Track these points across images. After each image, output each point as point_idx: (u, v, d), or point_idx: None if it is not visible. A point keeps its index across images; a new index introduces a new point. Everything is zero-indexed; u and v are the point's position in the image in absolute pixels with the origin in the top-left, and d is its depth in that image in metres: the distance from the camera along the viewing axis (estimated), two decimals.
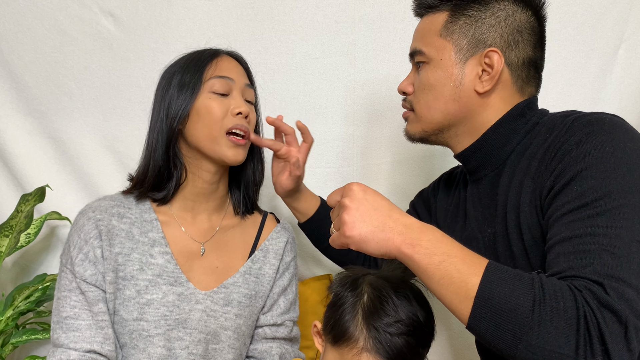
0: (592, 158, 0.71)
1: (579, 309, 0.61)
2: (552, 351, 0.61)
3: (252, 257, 1.05)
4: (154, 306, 0.93)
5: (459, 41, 0.86)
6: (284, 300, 1.07)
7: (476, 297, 0.65)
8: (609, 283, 0.62)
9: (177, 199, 1.02)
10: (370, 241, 0.71)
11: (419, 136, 0.94)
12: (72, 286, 0.92)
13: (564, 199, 0.72)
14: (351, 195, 0.73)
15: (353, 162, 1.41)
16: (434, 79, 0.88)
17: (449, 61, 0.86)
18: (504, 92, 0.87)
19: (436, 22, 0.89)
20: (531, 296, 0.63)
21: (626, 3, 1.33)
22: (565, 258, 0.68)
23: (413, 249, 0.69)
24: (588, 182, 0.70)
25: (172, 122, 0.97)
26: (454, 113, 0.88)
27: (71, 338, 0.90)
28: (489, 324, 0.64)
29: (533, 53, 0.87)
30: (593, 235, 0.66)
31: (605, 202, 0.68)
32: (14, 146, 1.39)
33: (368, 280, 0.80)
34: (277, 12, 1.37)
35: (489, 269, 0.66)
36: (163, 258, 0.96)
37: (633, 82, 1.35)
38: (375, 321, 0.75)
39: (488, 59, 0.84)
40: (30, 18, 1.36)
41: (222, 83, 0.98)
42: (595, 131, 0.74)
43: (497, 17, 0.85)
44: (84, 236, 0.94)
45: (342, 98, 1.39)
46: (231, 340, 0.99)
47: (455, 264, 0.67)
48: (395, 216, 0.72)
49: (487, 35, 0.85)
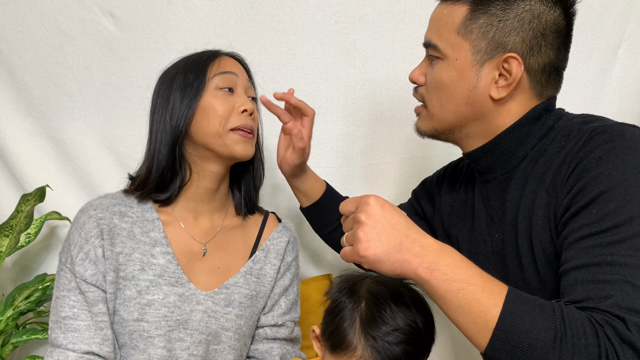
0: (614, 180, 0.68)
1: (601, 346, 0.60)
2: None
3: (253, 257, 1.05)
4: (154, 307, 0.93)
5: (477, 42, 0.80)
6: (285, 300, 1.07)
7: (495, 328, 0.63)
8: (630, 318, 0.60)
9: (180, 199, 1.02)
10: (385, 262, 0.68)
11: (430, 133, 0.91)
12: (72, 286, 0.92)
13: (582, 221, 0.69)
14: (368, 211, 0.69)
15: (353, 162, 1.41)
16: (447, 78, 0.83)
17: (464, 62, 0.81)
18: (521, 97, 0.82)
19: (455, 15, 0.82)
20: (552, 330, 0.61)
21: (626, 3, 1.33)
22: (584, 287, 0.65)
23: (431, 273, 0.66)
24: (609, 206, 0.67)
25: (178, 123, 0.96)
26: (466, 115, 0.84)
27: (70, 339, 0.90)
28: (506, 356, 0.63)
29: (555, 56, 0.82)
30: (613, 265, 0.64)
31: (626, 229, 0.65)
32: (14, 146, 1.39)
33: (366, 286, 0.80)
34: (277, 12, 1.37)
35: (509, 300, 0.64)
36: (164, 258, 0.96)
37: (633, 82, 1.35)
38: (373, 330, 0.75)
39: (507, 64, 0.79)
40: (30, 18, 1.36)
41: (226, 78, 0.98)
42: (617, 148, 0.70)
43: (522, 19, 0.78)
44: (85, 235, 0.93)
45: (342, 98, 1.39)
46: (232, 340, 0.99)
47: (475, 293, 0.64)
48: (412, 236, 0.69)
49: (508, 39, 0.79)
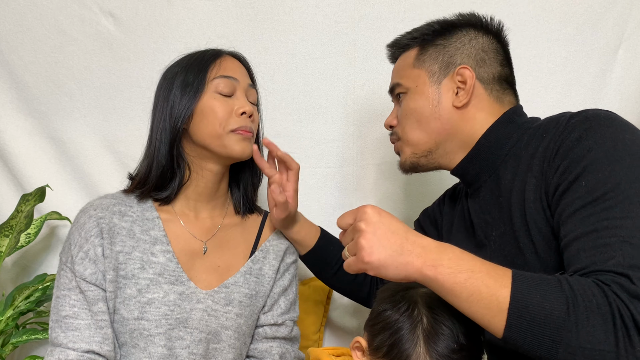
0: (595, 153, 0.72)
1: (612, 304, 0.62)
2: (593, 349, 0.61)
3: (252, 257, 1.05)
4: (155, 305, 0.93)
5: (431, 67, 0.92)
6: (284, 300, 1.07)
7: (509, 308, 0.65)
8: (634, 274, 0.63)
9: (180, 198, 1.02)
10: (389, 266, 0.70)
11: (410, 162, 0.96)
12: (72, 285, 0.92)
13: (573, 195, 0.72)
14: (366, 219, 0.72)
15: (353, 162, 1.41)
16: (413, 104, 0.93)
17: (424, 86, 0.92)
18: (482, 104, 0.91)
19: (408, 57, 0.96)
20: (563, 299, 0.63)
21: (626, 3, 1.33)
22: (587, 254, 0.68)
23: (435, 270, 0.68)
24: (595, 176, 0.71)
25: (176, 122, 0.97)
26: (437, 131, 0.91)
27: (70, 338, 0.90)
28: (526, 334, 0.64)
29: (502, 69, 0.93)
30: (610, 228, 0.67)
31: (615, 194, 0.69)
32: (14, 146, 1.39)
33: (422, 300, 0.79)
34: (277, 12, 1.37)
35: (515, 279, 0.66)
36: (164, 256, 0.96)
37: (633, 82, 1.35)
38: (438, 347, 0.75)
39: (460, 76, 0.90)
40: (30, 18, 1.36)
41: (227, 83, 0.98)
42: (594, 127, 0.75)
43: (462, 41, 0.92)
44: (85, 234, 0.94)
45: (342, 98, 1.39)
46: (232, 339, 0.99)
47: (482, 279, 0.67)
48: (412, 238, 0.71)
49: (455, 57, 0.91)
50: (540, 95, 1.37)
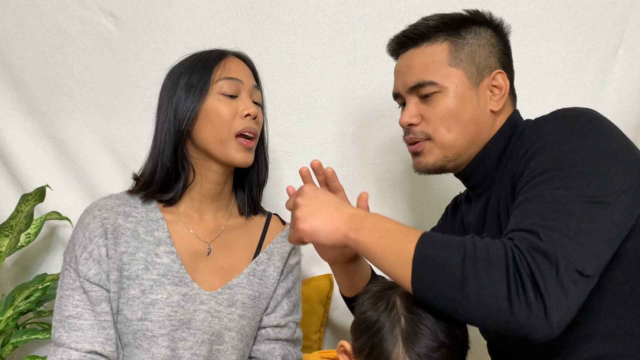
0: (548, 137, 0.76)
1: (507, 254, 0.66)
2: (487, 295, 0.65)
3: (256, 258, 1.05)
4: (158, 306, 0.93)
5: (468, 68, 0.91)
6: (287, 302, 1.07)
7: (413, 260, 0.70)
8: (544, 231, 0.66)
9: (184, 199, 1.02)
10: (320, 231, 0.79)
11: (439, 164, 0.93)
12: (75, 285, 0.92)
13: (524, 176, 0.76)
14: (302, 195, 0.83)
15: (353, 162, 1.41)
16: (453, 104, 0.90)
17: (464, 86, 0.90)
18: (505, 108, 0.93)
19: (439, 52, 0.91)
20: (462, 250, 0.68)
21: (626, 3, 1.33)
22: (514, 218, 0.72)
23: (357, 232, 0.76)
24: (543, 156, 0.75)
25: (180, 124, 0.96)
26: (472, 134, 0.91)
27: (73, 338, 0.90)
28: (428, 283, 0.69)
29: (514, 72, 0.96)
30: (541, 196, 0.71)
31: (556, 169, 0.72)
32: (14, 146, 1.39)
33: (401, 299, 0.78)
34: (277, 12, 1.37)
35: (424, 235, 0.72)
36: (168, 258, 0.96)
37: (633, 82, 1.35)
38: (417, 346, 0.75)
39: (495, 81, 0.91)
40: (30, 18, 1.36)
41: (231, 85, 0.98)
42: (557, 118, 0.79)
43: (491, 44, 0.93)
44: (89, 234, 0.94)
45: (342, 98, 1.39)
46: (235, 341, 0.99)
47: (394, 236, 0.74)
48: (342, 209, 0.80)
49: (489, 61, 0.92)
50: (540, 95, 1.37)
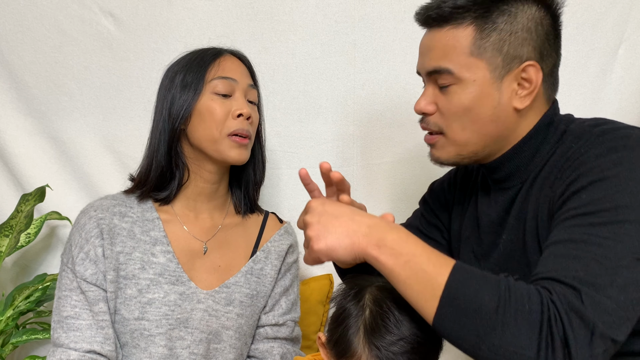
0: (607, 172, 0.69)
1: (544, 312, 0.61)
2: (514, 352, 0.61)
3: (254, 257, 1.05)
4: (155, 305, 0.93)
5: (492, 59, 0.78)
6: (285, 300, 1.07)
7: (442, 296, 0.65)
8: (586, 290, 0.61)
9: (180, 198, 1.02)
10: (338, 249, 0.71)
11: (453, 161, 0.86)
12: (73, 286, 0.92)
13: (570, 205, 0.70)
14: (311, 212, 0.75)
15: (353, 162, 1.41)
16: (469, 101, 0.79)
17: (484, 81, 0.79)
18: (538, 103, 0.82)
19: (462, 38, 0.79)
20: (496, 297, 0.63)
21: (626, 3, 1.33)
22: (554, 260, 0.67)
23: (379, 250, 0.69)
24: (598, 193, 0.68)
25: (174, 122, 0.97)
26: (491, 134, 0.81)
27: (71, 338, 0.90)
28: (453, 324, 0.64)
29: (557, 58, 0.83)
30: (588, 243, 0.65)
31: (610, 215, 0.66)
32: (14, 146, 1.39)
33: (371, 293, 0.78)
34: (277, 12, 1.37)
35: (455, 270, 0.66)
36: (165, 257, 0.96)
37: (633, 82, 1.35)
38: (377, 339, 0.73)
39: (526, 73, 0.78)
40: (30, 18, 1.36)
41: (225, 84, 0.98)
42: (618, 147, 0.71)
43: (529, 29, 0.78)
44: (85, 235, 0.94)
45: (342, 98, 1.38)
46: (232, 340, 0.99)
47: (421, 264, 0.67)
48: (357, 219, 0.72)
49: (522, 50, 0.78)
50: None
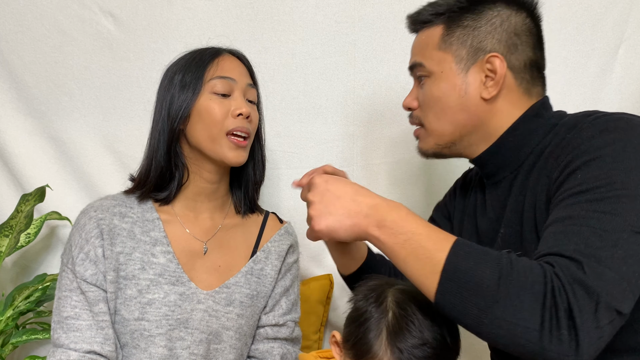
0: (600, 151, 0.71)
1: (547, 284, 0.61)
2: (517, 324, 0.61)
3: (254, 257, 1.05)
4: (155, 306, 0.93)
5: (458, 52, 0.85)
6: (285, 300, 1.07)
7: (442, 271, 0.66)
8: (588, 262, 0.62)
9: (179, 198, 1.02)
10: (338, 229, 0.73)
11: (432, 151, 0.92)
12: (73, 286, 0.92)
13: (567, 185, 0.71)
14: (314, 189, 0.76)
15: (353, 162, 1.41)
16: (438, 91, 0.87)
17: (450, 72, 0.86)
18: (511, 95, 0.85)
19: (432, 35, 0.88)
20: (497, 270, 0.63)
21: (626, 3, 1.33)
22: (555, 237, 0.68)
23: (379, 230, 0.71)
24: (593, 172, 0.69)
25: (173, 123, 0.97)
26: (464, 123, 0.86)
27: (71, 338, 0.90)
28: (454, 299, 0.65)
29: (533, 54, 0.87)
30: (586, 218, 0.66)
31: (606, 190, 0.67)
32: (14, 146, 1.39)
33: (393, 295, 0.78)
34: (277, 12, 1.37)
35: (456, 245, 0.67)
36: (165, 257, 0.96)
37: (633, 82, 1.35)
38: (400, 342, 0.73)
39: (490, 64, 0.84)
40: (30, 18, 1.36)
41: (224, 83, 0.98)
42: (609, 129, 0.73)
43: (493, 24, 0.85)
44: (85, 235, 0.94)
45: (342, 98, 1.38)
46: (233, 340, 0.99)
47: (420, 241, 0.68)
48: (359, 199, 0.74)
49: (485, 42, 0.84)
50: None
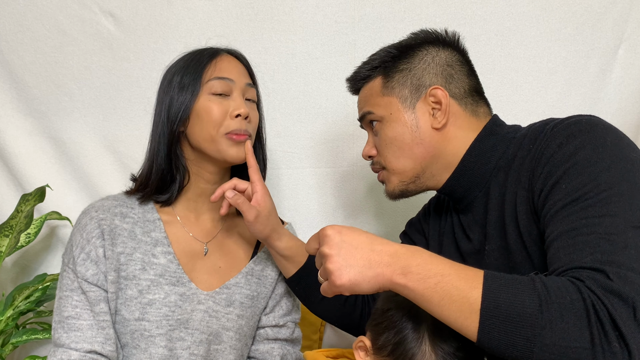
0: (576, 157, 0.73)
1: (586, 300, 0.61)
2: (568, 346, 0.60)
3: (254, 258, 1.05)
4: (155, 306, 0.93)
5: (401, 93, 0.91)
6: (286, 301, 1.07)
7: (481, 309, 0.64)
8: (610, 269, 0.63)
9: (181, 200, 1.02)
10: (361, 282, 0.70)
11: (398, 190, 0.95)
12: (74, 286, 0.92)
13: (554, 197, 0.73)
14: (328, 242, 0.72)
15: (353, 162, 1.41)
16: (391, 132, 0.92)
17: (398, 112, 0.91)
18: (460, 121, 0.91)
19: (374, 86, 0.95)
20: (536, 296, 0.62)
21: (626, 3, 1.34)
22: (565, 251, 0.68)
23: (405, 277, 0.68)
24: (576, 179, 0.72)
25: (173, 125, 0.96)
26: (422, 155, 0.91)
27: (72, 338, 0.90)
28: (499, 334, 0.63)
29: (470, 81, 0.93)
30: (589, 226, 0.67)
31: (595, 194, 0.69)
32: (14, 146, 1.39)
33: None
34: (277, 12, 1.37)
35: (487, 279, 0.65)
36: (165, 258, 0.96)
37: (633, 82, 1.35)
38: (444, 344, 0.75)
39: (433, 97, 0.89)
40: (30, 18, 1.37)
41: (222, 84, 0.97)
42: (574, 133, 0.76)
43: (426, 61, 0.91)
44: (86, 235, 0.94)
45: (342, 98, 1.39)
46: (233, 340, 0.99)
47: (452, 282, 0.66)
48: (378, 248, 0.71)
49: (424, 79, 0.90)
50: (540, 95, 1.37)
